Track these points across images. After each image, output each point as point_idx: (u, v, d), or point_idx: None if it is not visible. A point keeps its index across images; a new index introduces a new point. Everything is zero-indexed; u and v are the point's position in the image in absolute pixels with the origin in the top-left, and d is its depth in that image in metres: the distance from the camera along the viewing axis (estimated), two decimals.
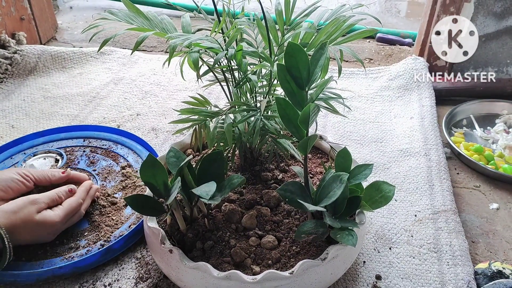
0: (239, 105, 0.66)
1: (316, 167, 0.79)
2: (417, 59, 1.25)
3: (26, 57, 1.26)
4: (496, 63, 1.22)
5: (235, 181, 0.62)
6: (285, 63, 0.55)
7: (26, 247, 0.70)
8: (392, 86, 1.21)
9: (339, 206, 0.60)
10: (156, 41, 1.52)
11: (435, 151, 0.96)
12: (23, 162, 0.89)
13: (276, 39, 0.63)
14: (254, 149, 0.76)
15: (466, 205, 0.87)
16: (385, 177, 0.92)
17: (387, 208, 0.83)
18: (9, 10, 1.30)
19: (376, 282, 0.70)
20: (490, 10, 1.15)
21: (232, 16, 0.67)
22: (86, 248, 0.70)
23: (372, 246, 0.76)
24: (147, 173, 0.60)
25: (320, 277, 0.59)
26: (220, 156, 0.64)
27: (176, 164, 0.63)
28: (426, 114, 1.08)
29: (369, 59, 1.43)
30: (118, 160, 0.91)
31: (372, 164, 0.64)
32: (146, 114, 1.11)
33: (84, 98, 1.16)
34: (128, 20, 0.64)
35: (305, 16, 0.65)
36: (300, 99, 0.57)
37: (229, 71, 0.67)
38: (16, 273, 0.66)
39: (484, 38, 1.19)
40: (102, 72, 1.29)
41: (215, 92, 1.19)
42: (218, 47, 0.61)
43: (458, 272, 0.70)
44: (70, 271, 0.68)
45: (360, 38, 0.63)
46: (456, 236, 0.76)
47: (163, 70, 1.28)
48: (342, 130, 1.06)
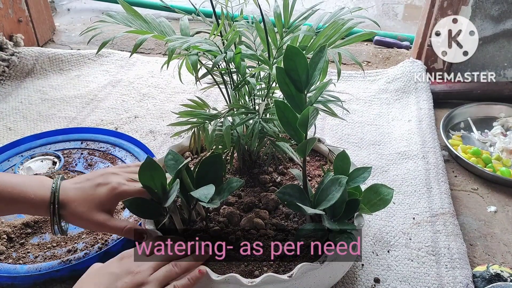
0: (237, 107, 0.66)
1: (315, 170, 0.79)
2: (414, 62, 1.25)
3: (24, 59, 1.25)
4: (494, 66, 1.23)
5: (234, 185, 0.62)
6: (284, 66, 0.55)
7: (24, 249, 0.70)
8: (390, 89, 1.21)
9: (337, 209, 0.60)
10: (154, 43, 1.51)
11: (433, 153, 0.96)
12: (20, 164, 0.88)
13: (275, 42, 0.63)
14: (253, 152, 0.76)
15: (464, 208, 0.87)
16: (383, 180, 0.92)
17: (385, 211, 0.83)
18: (6, 12, 1.29)
19: (375, 285, 0.70)
20: (487, 13, 1.16)
21: (231, 19, 0.67)
22: (84, 251, 0.70)
23: (370, 249, 0.76)
24: (146, 175, 0.60)
25: (318, 280, 0.59)
26: (219, 159, 0.64)
27: (175, 167, 0.63)
28: (424, 117, 1.08)
29: (367, 62, 1.43)
30: (116, 163, 0.91)
31: (371, 167, 0.64)
32: (144, 117, 1.11)
33: (82, 100, 1.16)
34: (126, 23, 0.64)
35: (304, 19, 0.65)
36: (299, 102, 0.57)
37: (228, 73, 0.67)
38: (14, 276, 0.66)
39: (481, 41, 1.20)
40: (99, 74, 1.29)
41: (213, 94, 1.19)
42: (216, 49, 0.61)
43: (456, 275, 0.70)
44: (68, 274, 0.67)
45: (359, 41, 0.63)
46: (454, 239, 0.76)
47: (161, 73, 1.28)
48: (340, 132, 1.06)
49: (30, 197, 0.60)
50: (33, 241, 0.73)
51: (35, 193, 0.60)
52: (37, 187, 0.61)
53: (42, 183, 0.62)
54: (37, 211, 0.61)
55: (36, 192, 0.60)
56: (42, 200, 0.60)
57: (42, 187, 0.61)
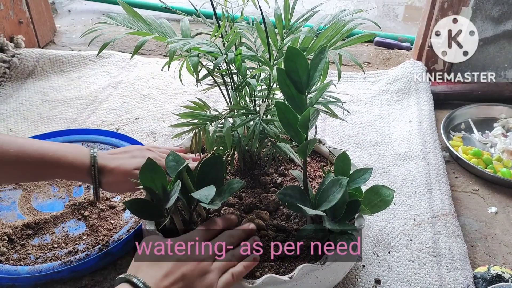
0: (238, 109, 0.66)
1: (315, 171, 0.79)
2: (415, 63, 1.25)
3: (25, 60, 1.26)
4: (494, 67, 1.23)
5: (235, 186, 0.62)
6: (285, 67, 0.55)
7: (25, 250, 0.70)
8: (390, 90, 1.21)
9: (338, 210, 0.60)
10: (154, 44, 1.52)
11: (434, 155, 0.96)
12: None
13: (276, 43, 0.63)
14: (253, 153, 0.76)
15: (464, 209, 0.87)
16: (384, 181, 0.92)
17: (386, 212, 0.83)
18: (7, 13, 1.30)
19: (376, 286, 0.70)
20: (488, 15, 1.16)
21: (231, 20, 0.67)
22: (85, 252, 0.70)
23: (371, 250, 0.76)
24: (147, 177, 0.60)
25: (319, 281, 0.59)
26: (220, 160, 0.64)
27: (175, 168, 0.63)
28: (424, 118, 1.08)
29: (367, 63, 1.43)
30: None
31: (372, 168, 0.64)
32: (145, 118, 1.11)
33: (83, 102, 1.16)
34: (127, 24, 0.64)
35: (305, 20, 0.66)
36: (300, 103, 0.57)
37: (228, 75, 0.67)
38: (15, 277, 0.66)
39: (482, 42, 1.20)
40: (100, 75, 1.29)
41: (213, 96, 1.19)
42: (217, 51, 0.61)
43: (457, 276, 0.70)
44: (69, 275, 0.67)
45: (359, 43, 0.63)
46: (455, 240, 0.76)
47: (162, 74, 1.28)
48: (341, 134, 1.06)
49: (70, 161, 0.64)
50: (34, 242, 0.73)
51: (75, 158, 0.65)
52: (76, 152, 0.66)
53: (80, 149, 0.67)
54: (76, 175, 0.66)
55: (76, 157, 0.65)
56: (82, 164, 0.65)
57: (80, 153, 0.66)
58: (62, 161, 0.64)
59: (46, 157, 0.63)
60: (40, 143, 0.65)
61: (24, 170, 0.63)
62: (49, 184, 0.85)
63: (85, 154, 0.66)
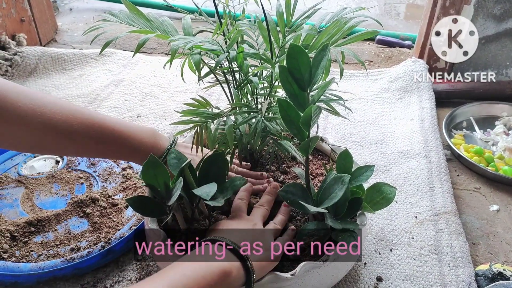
0: (240, 106, 0.66)
1: (317, 168, 0.79)
2: (417, 61, 1.25)
3: (26, 58, 1.26)
4: (496, 65, 1.23)
5: (237, 183, 0.63)
6: (287, 65, 0.55)
7: (27, 247, 0.70)
8: (392, 88, 1.21)
9: (340, 208, 0.60)
10: (156, 42, 1.52)
11: (435, 153, 0.96)
12: (23, 163, 0.89)
13: (277, 41, 0.63)
14: (255, 151, 0.76)
15: (466, 207, 0.87)
16: (386, 179, 0.92)
17: (388, 210, 0.83)
18: (9, 11, 1.30)
19: (377, 283, 0.70)
20: (489, 13, 1.15)
21: (233, 18, 0.67)
22: (87, 249, 0.70)
23: (373, 247, 0.76)
24: (149, 174, 0.60)
25: (321, 279, 0.59)
26: (222, 158, 0.64)
27: (178, 166, 0.63)
28: (426, 116, 1.08)
29: (369, 61, 1.43)
30: (119, 162, 0.91)
31: (373, 166, 0.64)
32: (147, 116, 1.11)
33: (84, 100, 1.16)
34: (129, 22, 0.64)
35: (306, 18, 0.65)
36: (302, 101, 0.57)
37: (230, 72, 0.67)
38: (17, 275, 0.66)
39: (483, 41, 1.19)
40: (102, 73, 1.29)
41: (215, 93, 1.19)
42: (219, 49, 0.61)
43: (459, 273, 0.70)
44: (71, 272, 0.68)
45: (361, 40, 0.63)
46: (456, 238, 0.76)
47: (163, 72, 1.28)
48: (343, 132, 1.06)
49: (149, 148, 0.66)
50: (36, 239, 0.73)
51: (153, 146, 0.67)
52: (154, 142, 0.68)
53: (159, 136, 0.69)
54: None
55: (154, 145, 0.67)
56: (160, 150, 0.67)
57: (159, 140, 0.68)
58: (141, 146, 0.66)
59: (128, 139, 0.64)
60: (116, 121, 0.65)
61: (103, 147, 0.63)
62: (51, 181, 0.85)
63: (164, 140, 0.69)
